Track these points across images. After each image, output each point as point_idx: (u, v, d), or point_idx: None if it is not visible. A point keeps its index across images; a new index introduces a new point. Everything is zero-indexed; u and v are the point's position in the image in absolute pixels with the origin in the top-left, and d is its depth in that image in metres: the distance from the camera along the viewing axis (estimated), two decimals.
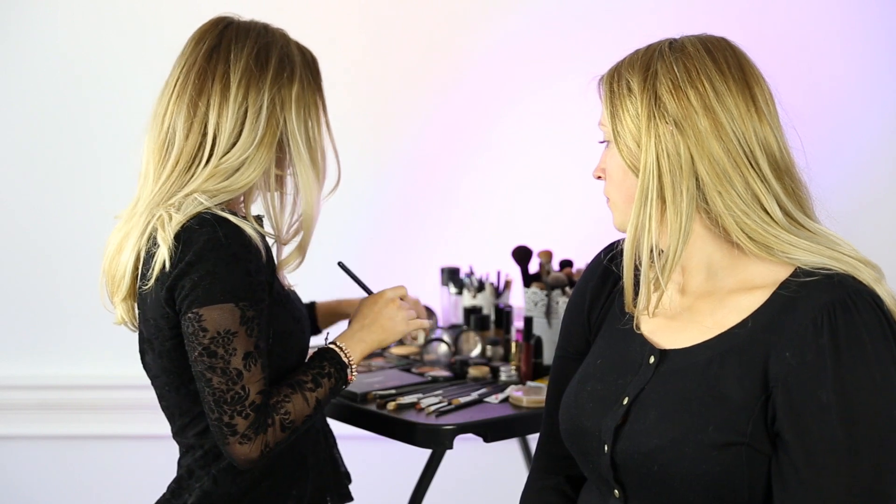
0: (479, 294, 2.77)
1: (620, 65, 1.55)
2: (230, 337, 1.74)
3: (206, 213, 1.78)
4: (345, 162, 2.07)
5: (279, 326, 1.87)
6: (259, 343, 1.76)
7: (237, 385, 1.74)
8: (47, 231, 3.26)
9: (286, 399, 1.80)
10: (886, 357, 1.40)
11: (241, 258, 1.75)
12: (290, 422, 1.80)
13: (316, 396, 1.84)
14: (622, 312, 1.63)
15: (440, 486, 2.85)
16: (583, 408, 1.59)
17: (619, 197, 1.55)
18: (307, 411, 1.82)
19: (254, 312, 1.76)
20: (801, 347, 1.41)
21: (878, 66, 3.20)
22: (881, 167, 3.21)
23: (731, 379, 1.45)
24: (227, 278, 1.74)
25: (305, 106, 1.93)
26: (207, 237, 1.75)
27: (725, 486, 1.43)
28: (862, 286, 1.43)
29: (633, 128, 1.50)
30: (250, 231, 1.77)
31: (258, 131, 1.87)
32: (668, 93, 1.48)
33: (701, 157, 1.46)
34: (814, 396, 1.39)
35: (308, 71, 1.96)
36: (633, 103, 1.50)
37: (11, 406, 3.29)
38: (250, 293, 1.75)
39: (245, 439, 1.75)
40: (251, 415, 1.75)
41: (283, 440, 1.80)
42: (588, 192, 3.25)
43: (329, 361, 1.89)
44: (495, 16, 3.28)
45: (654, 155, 1.47)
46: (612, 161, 1.54)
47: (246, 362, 1.74)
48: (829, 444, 1.38)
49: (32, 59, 3.22)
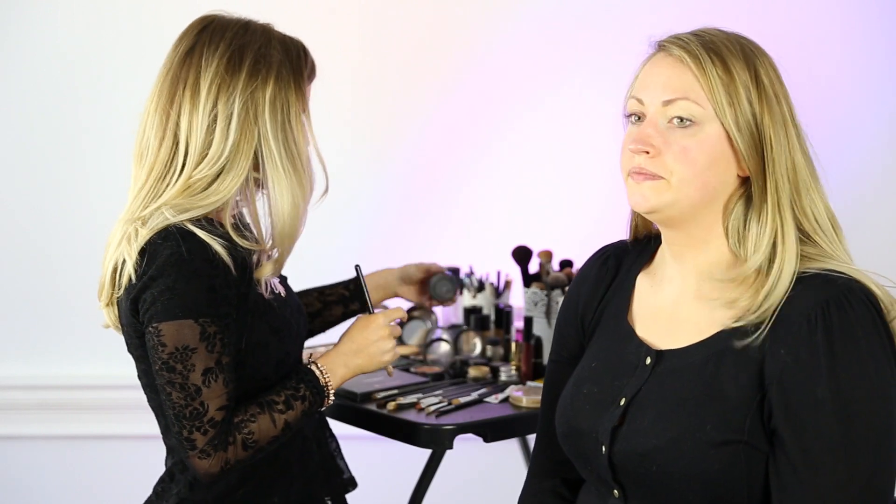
0: (479, 294, 2.77)
1: (714, 45, 1.49)
2: (188, 353, 1.72)
3: (172, 226, 1.74)
4: (345, 162, 2.07)
5: (254, 338, 1.82)
6: (222, 359, 1.73)
7: (195, 401, 1.72)
8: (47, 231, 3.26)
9: (252, 419, 1.77)
10: (880, 353, 1.41)
11: (202, 274, 1.72)
12: (252, 441, 1.77)
13: (285, 419, 1.80)
14: (617, 315, 1.63)
15: (440, 486, 2.85)
16: (579, 410, 1.58)
17: (694, 181, 1.47)
18: (273, 433, 1.79)
19: (216, 328, 1.73)
20: (796, 344, 1.41)
21: (878, 66, 3.20)
22: (881, 167, 3.21)
23: (728, 377, 1.46)
24: (187, 294, 1.71)
25: (283, 108, 1.83)
26: (170, 252, 1.72)
27: (724, 484, 1.43)
28: (855, 283, 1.43)
29: (749, 116, 1.47)
30: (217, 246, 1.73)
31: (229, 139, 1.79)
32: (774, 93, 1.49)
33: (794, 161, 1.49)
34: (809, 393, 1.39)
35: (289, 69, 1.85)
36: (746, 91, 1.47)
37: (12, 406, 3.29)
38: (212, 309, 1.72)
39: (204, 454, 1.73)
40: (210, 431, 1.73)
41: (247, 458, 1.77)
42: (588, 193, 3.26)
43: (306, 384, 1.84)
44: (496, 17, 3.28)
45: (782, 146, 1.47)
46: (700, 144, 1.47)
47: (205, 378, 1.72)
48: (825, 440, 1.39)
49: (33, 59, 3.22)
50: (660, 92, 1.50)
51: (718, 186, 1.49)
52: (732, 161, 1.49)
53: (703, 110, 1.47)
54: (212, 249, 1.73)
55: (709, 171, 1.48)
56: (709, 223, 1.52)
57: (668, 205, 1.49)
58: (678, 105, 1.48)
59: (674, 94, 1.48)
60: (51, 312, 3.29)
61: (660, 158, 1.48)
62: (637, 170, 1.49)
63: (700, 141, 1.47)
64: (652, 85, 1.51)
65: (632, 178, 1.51)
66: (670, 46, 1.51)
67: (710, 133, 1.47)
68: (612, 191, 2.03)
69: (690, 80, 1.48)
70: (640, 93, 1.52)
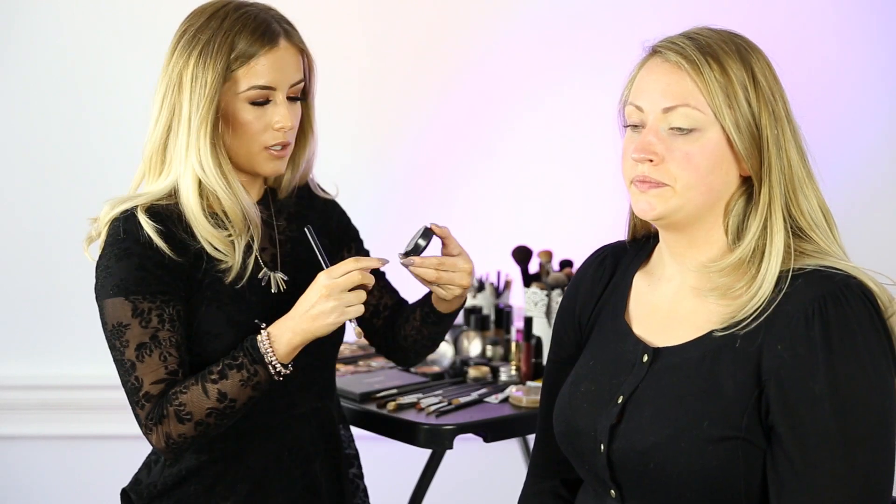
0: (479, 294, 2.77)
1: (710, 48, 1.49)
2: (122, 329, 1.75)
3: (127, 210, 1.79)
4: (345, 161, 2.07)
5: (204, 326, 1.81)
6: (158, 334, 1.74)
7: (131, 376, 1.75)
8: (48, 231, 3.26)
9: (183, 390, 1.74)
10: (877, 348, 1.41)
11: (133, 253, 1.75)
12: (186, 413, 1.73)
13: (219, 388, 1.73)
14: (614, 313, 1.64)
15: (440, 486, 2.85)
16: (577, 409, 1.59)
17: (698, 186, 1.48)
18: (207, 403, 1.73)
19: (149, 305, 1.75)
20: (793, 340, 1.42)
21: (877, 66, 3.20)
22: (880, 168, 3.21)
23: (725, 374, 1.46)
24: (118, 272, 1.75)
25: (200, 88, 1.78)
26: (112, 230, 1.79)
27: (722, 481, 1.43)
28: (852, 279, 1.44)
29: (748, 116, 1.47)
30: (148, 230, 1.76)
31: (160, 122, 1.81)
32: (770, 91, 1.49)
33: (789, 158, 1.49)
34: (806, 388, 1.40)
35: (218, 47, 1.78)
36: (744, 92, 1.47)
37: (12, 406, 3.29)
38: (143, 287, 1.75)
39: (147, 430, 1.75)
40: (146, 405, 1.74)
41: (190, 433, 1.74)
42: (588, 192, 3.26)
43: (245, 352, 1.75)
44: (497, 18, 3.28)
45: (779, 144, 1.48)
46: (702, 149, 1.48)
47: (139, 353, 1.74)
48: (823, 435, 1.39)
49: (34, 59, 3.22)
50: (659, 99, 1.50)
51: (721, 188, 1.50)
52: (733, 162, 1.49)
53: (704, 115, 1.48)
54: (144, 231, 1.76)
55: (712, 175, 1.48)
56: (710, 223, 1.52)
57: (674, 211, 1.49)
58: (679, 112, 1.48)
59: (674, 100, 1.48)
60: (51, 312, 3.29)
61: (663, 166, 1.48)
62: (641, 178, 1.50)
63: (702, 146, 1.48)
64: (650, 91, 1.51)
65: (636, 186, 1.51)
66: (666, 51, 1.51)
67: (711, 137, 1.48)
68: (612, 191, 2.03)
69: (690, 86, 1.48)
70: (639, 99, 1.52)
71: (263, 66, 1.79)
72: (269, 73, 1.80)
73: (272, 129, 1.81)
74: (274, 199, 1.95)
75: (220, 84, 1.78)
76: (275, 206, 1.95)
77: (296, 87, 1.84)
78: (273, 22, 1.82)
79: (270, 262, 1.89)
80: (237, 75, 1.79)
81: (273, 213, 1.93)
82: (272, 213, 1.93)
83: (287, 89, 1.82)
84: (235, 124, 1.81)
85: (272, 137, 1.82)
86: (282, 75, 1.81)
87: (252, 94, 1.80)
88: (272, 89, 1.81)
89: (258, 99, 1.80)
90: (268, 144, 1.82)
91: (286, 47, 1.82)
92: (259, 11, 1.83)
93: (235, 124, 1.81)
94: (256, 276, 1.86)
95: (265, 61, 1.79)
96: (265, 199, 1.93)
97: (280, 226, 1.93)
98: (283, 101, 1.81)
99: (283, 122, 1.81)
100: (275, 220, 1.93)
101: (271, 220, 1.92)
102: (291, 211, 1.96)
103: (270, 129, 1.81)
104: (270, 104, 1.81)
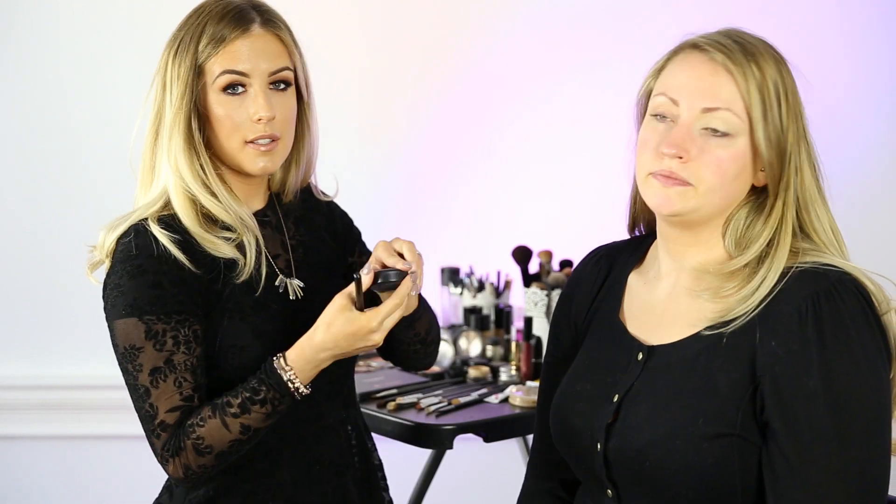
0: (479, 294, 2.77)
1: (753, 54, 1.47)
2: (136, 353, 1.64)
3: (139, 223, 1.69)
4: (345, 161, 2.06)
5: (229, 339, 1.70)
6: (174, 357, 1.64)
7: (146, 403, 1.64)
8: (48, 231, 3.26)
9: (201, 423, 1.63)
10: (871, 344, 1.42)
11: (147, 270, 1.65)
12: (206, 447, 1.63)
13: (241, 422, 1.64)
14: (609, 313, 1.64)
15: (440, 486, 2.85)
16: (573, 408, 1.59)
17: (720, 191, 1.47)
18: (229, 437, 1.63)
19: (164, 326, 1.64)
20: (787, 337, 1.42)
21: (876, 65, 3.20)
22: (879, 168, 3.22)
23: (720, 371, 1.46)
24: (130, 291, 1.64)
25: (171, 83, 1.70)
26: (122, 248, 1.67)
27: (718, 478, 1.44)
28: (846, 276, 1.44)
29: (778, 129, 1.47)
30: (165, 241, 1.65)
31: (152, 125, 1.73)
32: (796, 105, 1.49)
33: (804, 175, 1.49)
34: (800, 385, 1.40)
35: (189, 39, 1.70)
36: (777, 104, 1.47)
37: (12, 406, 3.29)
38: (158, 306, 1.64)
39: (163, 460, 1.65)
40: (162, 435, 1.64)
41: (210, 463, 1.65)
42: (588, 192, 3.26)
43: (268, 386, 1.65)
44: (498, 18, 3.28)
45: (800, 160, 1.48)
46: (733, 155, 1.46)
47: (153, 378, 1.64)
48: (817, 431, 1.39)
49: (34, 59, 3.22)
50: (699, 98, 1.47)
51: (737, 195, 1.50)
52: (751, 171, 1.49)
53: (741, 122, 1.46)
54: (161, 245, 1.65)
55: (734, 182, 1.48)
56: (715, 226, 1.53)
57: (691, 210, 1.48)
58: (720, 115, 1.46)
59: (718, 103, 1.46)
60: (51, 312, 3.29)
61: (692, 165, 1.46)
62: (667, 173, 1.47)
63: (733, 153, 1.46)
64: (690, 88, 1.48)
65: (657, 179, 1.49)
66: (710, 49, 1.48)
67: (741, 145, 1.47)
68: (613, 190, 2.03)
69: (733, 90, 1.46)
70: (675, 93, 1.49)
71: (234, 51, 1.68)
72: (241, 58, 1.68)
73: (251, 122, 1.70)
74: (280, 204, 1.86)
75: (194, 77, 1.68)
76: (281, 210, 1.86)
77: (276, 76, 1.71)
78: (249, 9, 1.72)
79: (285, 268, 1.81)
80: (209, 65, 1.69)
81: (281, 217, 1.85)
82: (280, 217, 1.85)
83: (265, 78, 1.70)
84: (213, 119, 1.70)
85: (252, 131, 1.70)
86: (256, 62, 1.69)
87: (223, 79, 1.69)
88: (245, 76, 1.69)
89: (231, 84, 1.69)
90: (248, 138, 1.70)
91: (261, 34, 1.71)
92: (238, 2, 1.73)
93: (213, 119, 1.70)
94: (274, 284, 1.77)
95: (236, 47, 1.69)
96: (271, 204, 1.85)
97: (290, 229, 1.85)
98: (260, 91, 1.69)
99: (259, 111, 1.69)
100: (284, 225, 1.85)
101: (281, 225, 1.84)
102: (298, 214, 1.88)
103: (249, 120, 1.70)
104: (247, 94, 1.70)
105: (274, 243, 1.81)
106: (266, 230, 1.80)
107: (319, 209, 1.93)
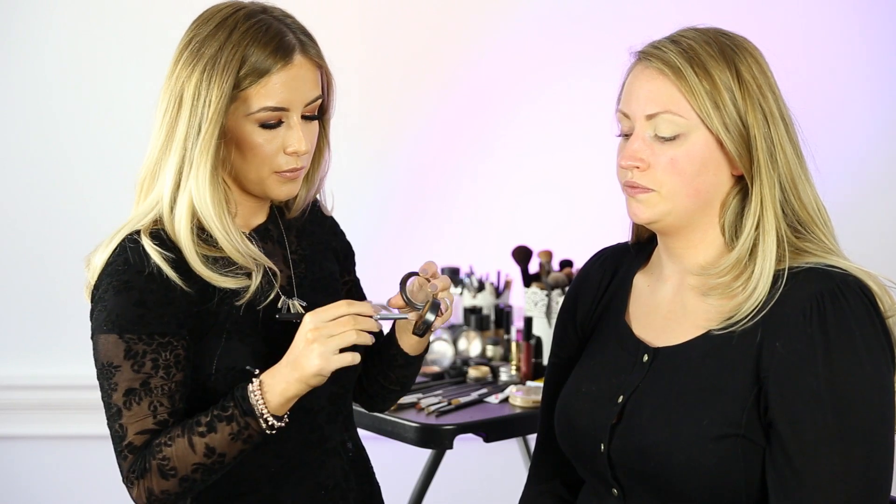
0: (479, 294, 2.77)
1: (693, 51, 1.49)
2: (112, 370, 1.56)
3: (133, 234, 1.60)
4: (345, 161, 2.05)
5: (228, 362, 1.62)
6: (151, 381, 1.56)
7: (116, 423, 1.57)
8: (47, 231, 3.26)
9: (168, 442, 1.55)
10: (875, 344, 1.42)
11: (133, 287, 1.56)
12: (170, 469, 1.54)
13: (206, 443, 1.54)
14: (615, 315, 1.64)
15: (440, 486, 2.85)
16: (578, 409, 1.59)
17: (684, 190, 1.49)
18: (194, 459, 1.54)
19: (145, 347, 1.56)
20: (791, 337, 1.42)
21: (876, 65, 3.20)
22: (878, 167, 3.22)
23: (724, 371, 1.47)
24: (114, 307, 1.56)
25: (204, 104, 1.59)
26: (110, 262, 1.59)
27: (722, 478, 1.44)
28: (850, 277, 1.44)
29: (735, 116, 1.48)
30: (157, 259, 1.56)
31: (161, 134, 1.61)
32: (757, 88, 1.49)
33: (785, 154, 1.49)
34: (804, 385, 1.40)
35: (224, 63, 1.58)
36: (729, 93, 1.48)
37: (12, 406, 3.29)
38: (140, 326, 1.56)
39: (128, 483, 1.58)
40: (129, 457, 1.57)
41: (174, 489, 1.56)
42: (588, 192, 3.26)
43: (235, 402, 1.55)
44: (498, 17, 3.28)
45: (768, 142, 1.48)
46: (687, 153, 1.48)
47: (127, 399, 1.56)
48: (821, 431, 1.39)
49: (33, 59, 3.22)
50: (643, 105, 1.51)
51: (711, 190, 1.51)
52: (724, 163, 1.50)
53: (687, 121, 1.49)
54: (151, 262, 1.56)
55: (699, 178, 1.50)
56: (706, 225, 1.53)
57: (663, 215, 1.51)
58: (661, 118, 1.50)
59: (656, 107, 1.50)
60: (51, 312, 3.29)
61: (650, 171, 1.50)
62: (630, 184, 1.52)
63: (687, 150, 1.49)
64: (635, 98, 1.53)
65: (625, 192, 1.54)
66: (649, 58, 1.52)
67: (696, 141, 1.49)
68: (612, 191, 2.03)
69: (672, 91, 1.49)
70: (626, 107, 1.54)
71: (276, 85, 1.59)
72: (283, 92, 1.59)
73: (285, 153, 1.61)
74: (282, 217, 1.77)
75: (227, 105, 1.58)
76: (283, 223, 1.77)
77: (312, 106, 1.64)
78: (287, 32, 1.62)
79: (287, 285, 1.71)
80: (247, 94, 1.59)
81: (283, 230, 1.76)
82: (282, 230, 1.76)
83: (302, 109, 1.62)
84: (244, 147, 1.61)
85: (285, 162, 1.62)
86: (296, 95, 1.60)
87: (263, 115, 1.59)
88: (285, 110, 1.60)
89: (270, 121, 1.60)
90: (280, 169, 1.62)
91: (301, 63, 1.61)
92: (272, 21, 1.62)
93: (244, 147, 1.61)
94: (275, 304, 1.67)
95: (278, 80, 1.59)
96: (273, 218, 1.75)
97: (291, 243, 1.76)
98: (297, 123, 1.61)
99: (297, 146, 1.61)
100: (286, 239, 1.76)
101: (283, 240, 1.75)
102: (300, 227, 1.79)
103: (283, 152, 1.61)
104: (283, 126, 1.61)
105: (276, 259, 1.72)
106: (267, 245, 1.72)
107: (322, 223, 1.85)
